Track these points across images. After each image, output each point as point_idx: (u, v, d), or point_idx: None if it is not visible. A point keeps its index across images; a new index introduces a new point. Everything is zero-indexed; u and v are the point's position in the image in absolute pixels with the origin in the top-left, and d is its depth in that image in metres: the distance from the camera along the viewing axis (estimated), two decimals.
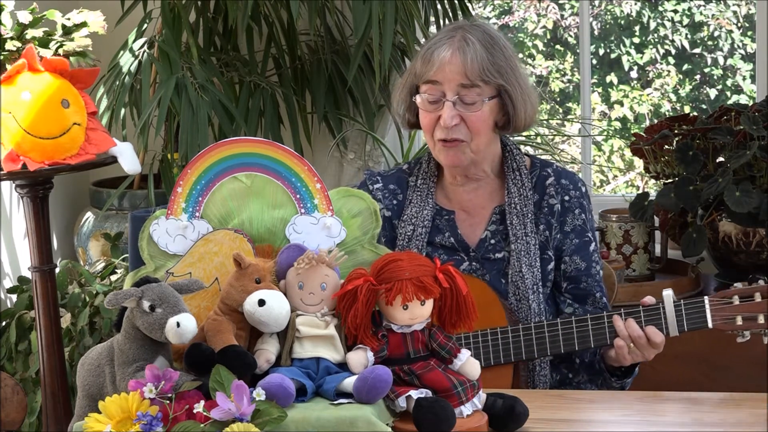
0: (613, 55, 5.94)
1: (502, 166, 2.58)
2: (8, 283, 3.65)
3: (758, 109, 3.42)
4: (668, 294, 2.37)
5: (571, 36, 6.01)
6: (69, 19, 2.66)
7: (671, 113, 5.80)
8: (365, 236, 2.09)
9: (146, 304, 1.86)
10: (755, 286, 2.35)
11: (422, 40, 3.60)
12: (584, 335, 2.38)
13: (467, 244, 2.55)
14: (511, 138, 2.64)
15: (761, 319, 2.32)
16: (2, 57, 2.55)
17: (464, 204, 2.58)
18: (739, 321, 2.33)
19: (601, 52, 5.90)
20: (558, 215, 2.54)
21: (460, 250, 2.55)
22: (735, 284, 2.37)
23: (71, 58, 2.62)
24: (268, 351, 1.92)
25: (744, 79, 5.79)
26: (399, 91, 2.58)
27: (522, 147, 3.73)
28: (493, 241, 2.55)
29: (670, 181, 3.49)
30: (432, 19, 3.61)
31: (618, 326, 2.36)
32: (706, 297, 2.36)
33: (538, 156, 2.69)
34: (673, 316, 2.36)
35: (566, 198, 2.55)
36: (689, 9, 5.86)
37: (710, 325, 2.34)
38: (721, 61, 5.86)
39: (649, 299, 2.40)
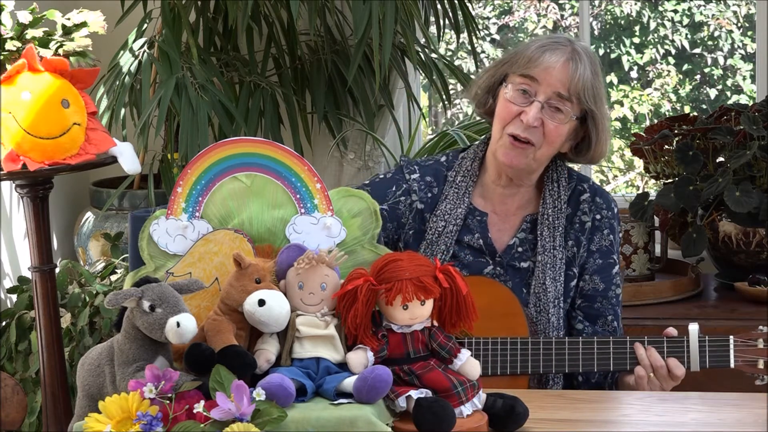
0: (613, 55, 5.94)
1: (542, 176, 2.57)
2: (8, 283, 3.65)
3: (758, 109, 3.41)
4: (694, 329, 2.35)
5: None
6: (69, 19, 2.66)
7: (671, 113, 5.80)
8: (365, 236, 2.09)
9: (146, 304, 1.86)
10: None
11: (422, 40, 3.60)
12: (605, 357, 2.36)
13: (495, 248, 2.53)
14: None
15: None
16: (2, 57, 2.55)
17: (498, 206, 2.56)
18: (761, 365, 2.32)
19: (601, 52, 5.90)
20: (588, 233, 2.53)
21: (486, 253, 2.53)
22: (761, 327, 2.35)
23: (71, 58, 2.61)
24: (268, 351, 1.92)
25: (744, 79, 5.79)
26: (487, 73, 2.55)
27: None
28: (520, 249, 2.53)
29: (670, 181, 3.49)
30: (432, 19, 3.61)
31: (639, 354, 2.35)
32: (731, 336, 2.34)
33: (574, 168, 2.65)
34: (696, 352, 2.34)
35: (598, 217, 2.54)
36: (689, 9, 5.86)
37: (732, 365, 2.33)
38: (721, 61, 5.86)
39: (672, 330, 2.39)
